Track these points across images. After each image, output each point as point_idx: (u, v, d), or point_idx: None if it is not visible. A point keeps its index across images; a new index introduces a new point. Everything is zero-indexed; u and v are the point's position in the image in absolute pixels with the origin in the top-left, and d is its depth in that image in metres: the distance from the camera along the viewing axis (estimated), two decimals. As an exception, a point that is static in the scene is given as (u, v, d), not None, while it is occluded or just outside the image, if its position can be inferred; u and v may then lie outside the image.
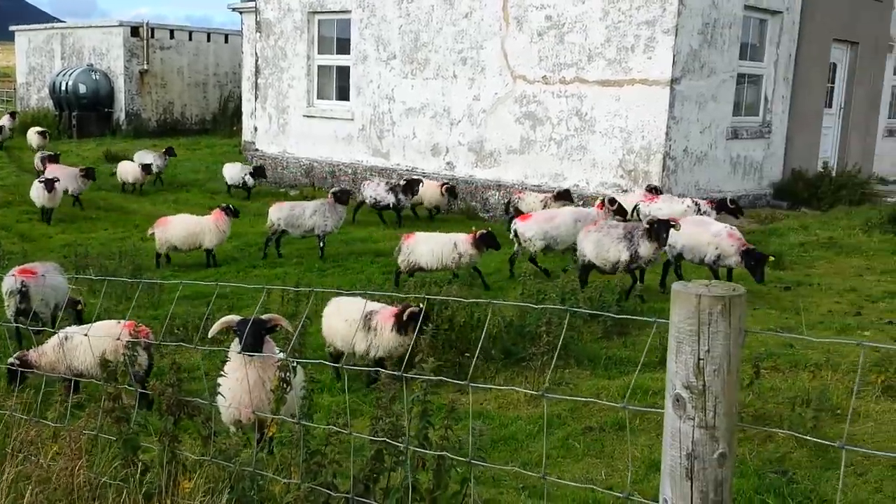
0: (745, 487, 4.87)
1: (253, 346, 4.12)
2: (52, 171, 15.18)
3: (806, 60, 15.50)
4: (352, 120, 17.41)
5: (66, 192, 14.86)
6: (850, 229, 12.64)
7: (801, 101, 15.59)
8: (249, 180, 16.85)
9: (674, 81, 12.90)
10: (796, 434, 3.16)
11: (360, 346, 6.64)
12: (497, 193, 14.93)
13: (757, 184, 14.90)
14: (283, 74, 18.68)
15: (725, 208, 11.81)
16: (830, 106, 16.96)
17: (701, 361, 1.87)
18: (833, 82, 16.93)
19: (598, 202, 11.23)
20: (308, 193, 16.08)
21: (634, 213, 12.38)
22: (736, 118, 14.49)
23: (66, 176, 14.99)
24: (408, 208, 14.44)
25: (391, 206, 13.99)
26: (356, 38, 17.10)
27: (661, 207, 12.06)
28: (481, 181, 15.23)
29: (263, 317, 4.32)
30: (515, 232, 10.49)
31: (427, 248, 9.75)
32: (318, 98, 18.41)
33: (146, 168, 17.13)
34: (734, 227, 9.01)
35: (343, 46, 17.72)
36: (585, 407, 6.20)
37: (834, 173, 15.84)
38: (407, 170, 16.39)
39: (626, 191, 13.27)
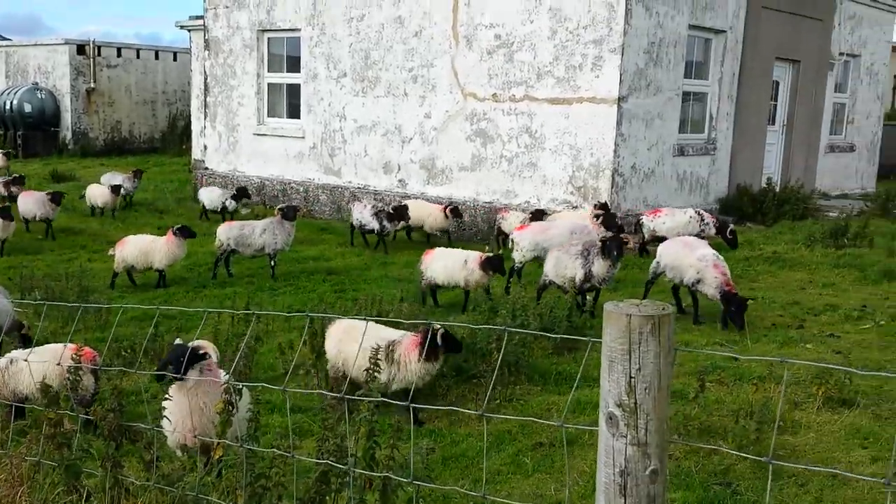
0: (691, 500, 4.95)
1: (175, 371, 4.15)
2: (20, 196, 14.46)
3: (749, 78, 15.86)
4: (303, 138, 17.37)
5: (33, 218, 14.22)
6: (793, 244, 12.93)
7: (745, 118, 15.94)
8: (231, 204, 15.72)
9: (621, 99, 13.11)
10: (724, 448, 3.22)
11: (385, 377, 6.10)
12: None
13: (703, 199, 15.17)
14: (233, 92, 18.57)
15: (723, 235, 12.06)
16: (773, 123, 17.35)
17: (632, 380, 1.92)
18: (776, 100, 17.33)
19: (593, 208, 11.43)
20: (259, 212, 15.96)
21: (637, 227, 12.59)
22: (682, 135, 14.76)
23: (33, 201, 14.25)
24: (391, 232, 13.62)
25: (374, 231, 13.36)
26: (306, 57, 17.08)
27: (665, 221, 12.28)
28: (433, 198, 15.27)
29: (191, 343, 4.29)
30: (512, 241, 10.84)
31: (441, 263, 9.57)
32: (268, 116, 18.34)
33: (115, 190, 16.25)
34: (721, 258, 8.80)
35: (293, 64, 17.69)
36: (533, 426, 6.25)
37: (777, 189, 16.19)
38: (359, 187, 16.40)
39: (576, 207, 13.42)
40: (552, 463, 5.59)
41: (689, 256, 8.80)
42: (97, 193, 16.31)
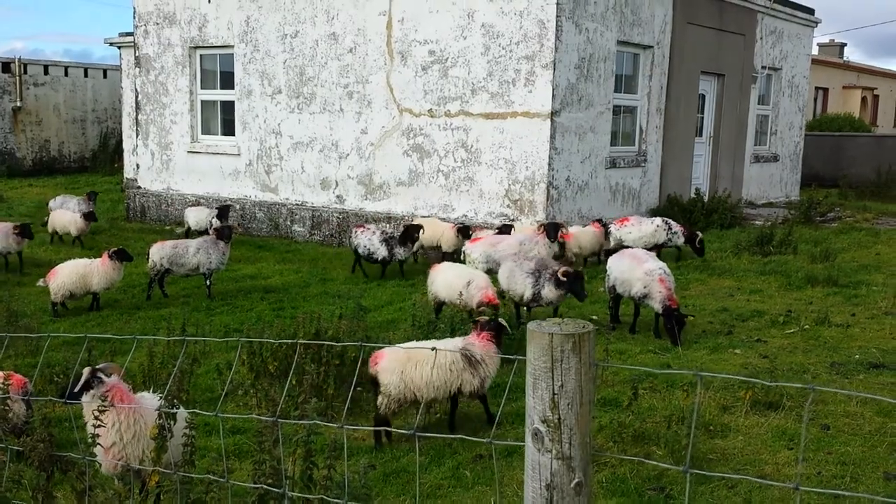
0: (626, 506, 5.08)
1: (74, 395, 4.17)
2: None
3: (677, 92, 16.29)
4: (238, 155, 17.25)
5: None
6: (721, 252, 13.31)
7: (673, 130, 16.36)
8: (216, 223, 14.48)
9: (554, 114, 13.35)
10: (643, 459, 3.34)
11: (467, 386, 6.14)
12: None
13: (635, 210, 15.50)
14: (166, 110, 18.36)
15: (692, 244, 12.32)
16: (701, 135, 17.84)
17: (556, 396, 2.01)
18: (702, 112, 17.83)
19: (538, 226, 11.42)
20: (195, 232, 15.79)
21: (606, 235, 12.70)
22: (614, 148, 15.08)
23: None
24: (402, 258, 12.53)
25: (382, 260, 12.38)
26: (240, 73, 16.99)
27: (631, 231, 12.44)
28: (372, 213, 15.32)
29: (99, 366, 4.29)
30: (464, 253, 10.89)
31: (443, 277, 9.28)
32: (202, 133, 18.17)
33: (89, 216, 14.99)
34: (668, 273, 8.88)
35: (227, 81, 17.57)
36: (475, 434, 6.33)
37: (706, 199, 16.63)
38: (297, 204, 16.35)
39: (513, 220, 13.60)
40: (492, 475, 5.67)
41: (637, 270, 8.88)
42: (67, 220, 15.06)
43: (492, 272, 10.32)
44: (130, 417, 4.03)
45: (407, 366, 6.06)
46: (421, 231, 12.49)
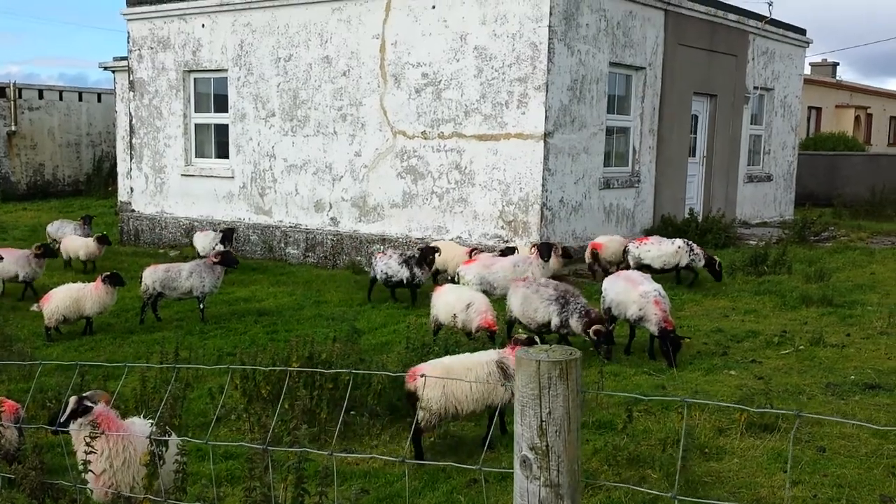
0: (621, 530, 5.05)
1: (62, 424, 4.13)
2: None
3: (669, 113, 16.37)
4: (232, 178, 17.27)
5: (15, 278, 12.68)
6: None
7: (666, 151, 16.42)
8: (219, 248, 14.28)
9: (547, 135, 13.40)
10: (631, 486, 3.32)
11: (496, 399, 6.21)
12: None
13: (629, 230, 15.52)
14: (159, 133, 18.39)
15: (711, 268, 12.28)
16: (694, 155, 17.90)
17: (544, 423, 2.00)
18: (695, 132, 17.90)
19: (531, 247, 11.35)
20: (188, 254, 15.77)
21: (624, 255, 12.65)
22: (607, 169, 15.12)
23: (14, 258, 12.67)
24: (422, 280, 12.11)
25: (404, 282, 12.04)
26: (234, 97, 17.05)
27: (651, 249, 12.39)
28: (366, 236, 15.32)
29: (85, 394, 4.25)
30: (458, 274, 10.81)
31: (443, 300, 9.16)
32: (196, 156, 18.19)
33: (102, 240, 14.89)
34: (664, 294, 8.87)
35: (221, 104, 17.62)
36: (470, 458, 6.30)
37: (700, 219, 16.66)
38: (290, 226, 16.35)
39: (507, 241, 13.61)
40: (485, 500, 5.63)
41: (632, 292, 8.85)
42: (79, 245, 14.94)
43: (486, 294, 10.30)
44: (119, 444, 4.00)
45: (448, 381, 6.04)
46: (437, 254, 12.22)
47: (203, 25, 17.38)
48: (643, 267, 12.24)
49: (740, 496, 5.44)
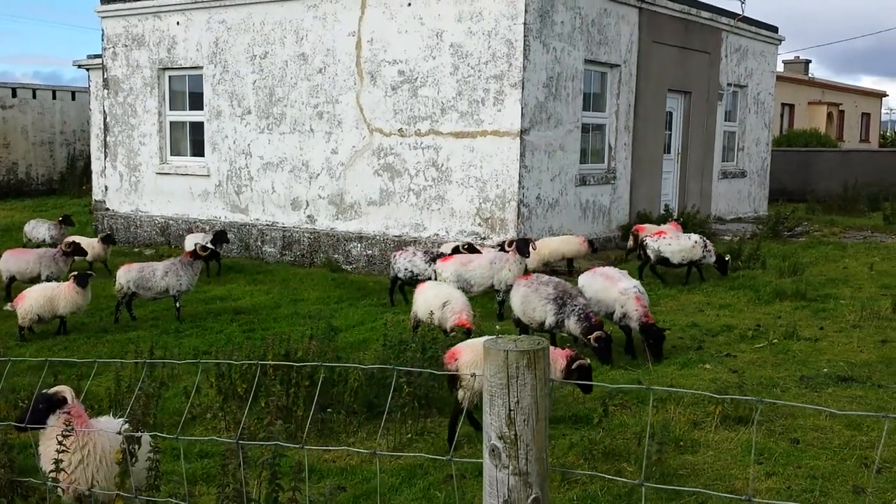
0: (597, 523, 5.08)
1: (30, 420, 4.05)
2: (17, 254, 12.44)
3: (644, 110, 16.46)
4: (208, 176, 17.17)
5: (38, 277, 12.21)
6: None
7: (641, 147, 16.51)
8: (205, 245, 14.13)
9: (523, 132, 13.43)
10: (597, 474, 3.35)
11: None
12: (359, 245, 15.02)
13: (606, 227, 15.60)
14: (134, 132, 18.25)
15: (720, 262, 12.46)
16: (669, 152, 18.01)
17: (512, 412, 2.01)
18: (670, 129, 18.01)
19: (510, 245, 11.13)
20: (164, 252, 15.67)
21: (640, 248, 12.62)
22: (583, 165, 15.19)
23: (37, 257, 12.38)
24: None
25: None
26: (209, 94, 16.95)
27: (671, 243, 12.35)
28: (343, 233, 15.29)
29: (49, 391, 4.21)
30: (435, 272, 10.72)
31: (422, 297, 9.13)
32: (171, 154, 18.07)
33: (107, 240, 14.65)
34: (642, 290, 8.90)
35: (196, 101, 17.52)
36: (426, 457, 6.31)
37: (675, 215, 16.77)
38: (267, 224, 16.28)
39: (484, 238, 13.64)
40: (463, 495, 5.64)
41: (612, 289, 8.86)
42: (85, 245, 14.21)
43: (464, 291, 10.30)
44: (91, 442, 3.96)
45: (479, 361, 5.96)
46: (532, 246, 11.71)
47: (178, 23, 17.27)
48: (662, 261, 12.32)
49: (715, 488, 5.48)
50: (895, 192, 20.89)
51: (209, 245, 14.05)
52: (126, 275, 11.11)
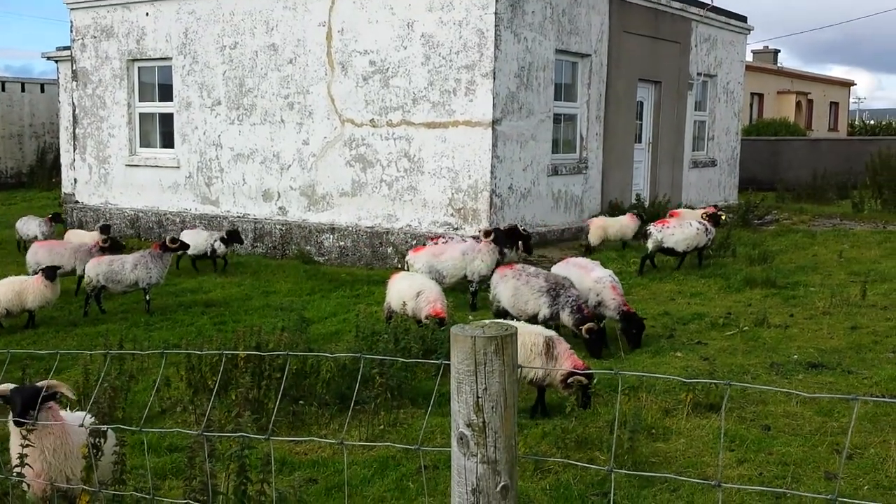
0: (569, 511, 5.08)
1: (21, 413, 3.86)
2: (49, 247, 12.17)
3: (615, 99, 16.49)
4: (178, 168, 17.00)
5: (72, 271, 12.07)
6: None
7: (613, 137, 16.55)
8: (220, 247, 13.80)
9: (495, 122, 13.40)
10: (569, 462, 3.34)
11: (535, 372, 6.42)
12: (331, 237, 14.94)
13: (578, 216, 15.63)
14: (103, 123, 18.02)
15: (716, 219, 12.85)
16: (640, 141, 18.07)
17: (480, 399, 1.99)
18: (641, 119, 18.07)
19: (485, 234, 11.09)
20: (134, 245, 15.48)
21: (645, 237, 12.59)
22: (555, 155, 15.20)
23: (72, 251, 12.14)
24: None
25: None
26: (178, 85, 16.76)
27: (675, 233, 12.29)
28: (315, 225, 15.20)
29: (39, 383, 4.09)
30: (408, 263, 10.72)
31: (396, 288, 9.08)
32: (141, 146, 17.87)
33: (105, 230, 14.16)
34: (616, 279, 8.92)
35: (166, 93, 17.33)
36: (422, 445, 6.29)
37: (647, 204, 16.84)
38: (238, 216, 16.15)
39: (456, 229, 13.61)
40: (436, 486, 5.63)
41: (586, 279, 8.83)
42: (85, 238, 13.96)
43: (437, 282, 10.26)
44: (58, 436, 3.89)
45: None
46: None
47: (147, 14, 17.06)
48: (666, 250, 12.34)
49: (686, 475, 5.51)
50: (863, 180, 21.10)
51: (224, 239, 13.74)
52: (96, 268, 10.97)
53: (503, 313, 8.84)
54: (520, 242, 12.01)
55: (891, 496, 5.13)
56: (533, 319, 8.48)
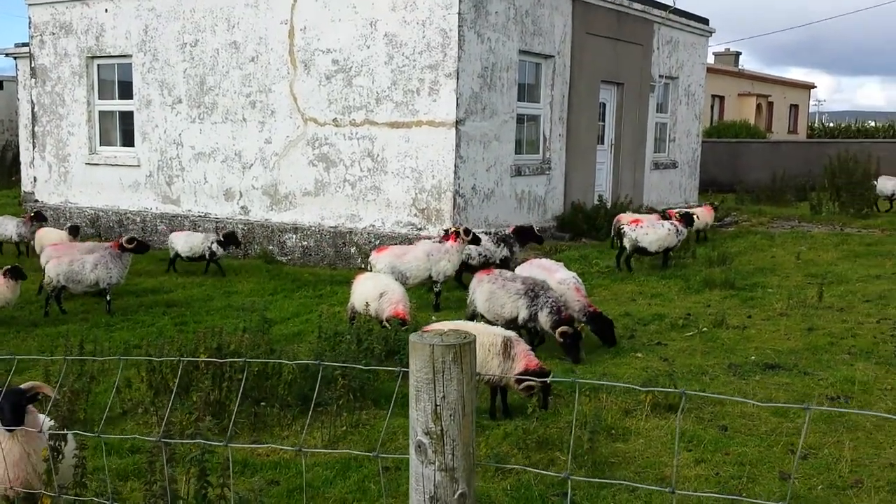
0: (530, 512, 5.13)
1: (13, 420, 3.77)
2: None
3: (578, 101, 16.62)
4: (138, 166, 16.81)
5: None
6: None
7: (576, 138, 16.67)
8: (218, 250, 13.36)
9: (458, 122, 13.44)
10: (526, 468, 3.38)
11: (488, 375, 6.51)
12: (294, 236, 14.87)
13: (541, 217, 15.73)
14: (63, 121, 17.77)
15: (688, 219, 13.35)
16: (603, 142, 18.23)
17: (438, 408, 2.01)
18: (604, 120, 18.22)
19: (451, 233, 11.08)
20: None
21: (615, 237, 12.64)
22: (518, 156, 15.28)
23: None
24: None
25: (500, 261, 11.64)
26: (139, 83, 16.58)
27: (648, 233, 12.51)
28: (277, 224, 15.13)
29: (23, 386, 3.99)
30: (371, 264, 10.67)
31: (360, 289, 9.00)
32: (101, 144, 17.65)
33: (73, 231, 13.78)
34: (580, 280, 8.93)
35: (126, 90, 17.13)
36: (383, 447, 6.30)
37: (609, 205, 16.99)
38: (199, 215, 16.02)
39: (420, 229, 13.63)
40: (398, 486, 5.65)
41: (550, 281, 8.82)
42: (54, 238, 13.57)
43: (400, 283, 10.25)
44: (38, 440, 3.82)
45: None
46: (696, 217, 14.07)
47: (106, 10, 16.85)
48: (640, 250, 12.49)
49: (645, 475, 5.59)
50: (822, 182, 21.47)
51: (220, 242, 13.32)
52: (56, 268, 10.81)
53: (474, 318, 8.74)
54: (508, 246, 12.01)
55: (844, 496, 5.24)
56: (510, 324, 8.40)
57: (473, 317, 8.82)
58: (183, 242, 13.51)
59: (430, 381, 2.00)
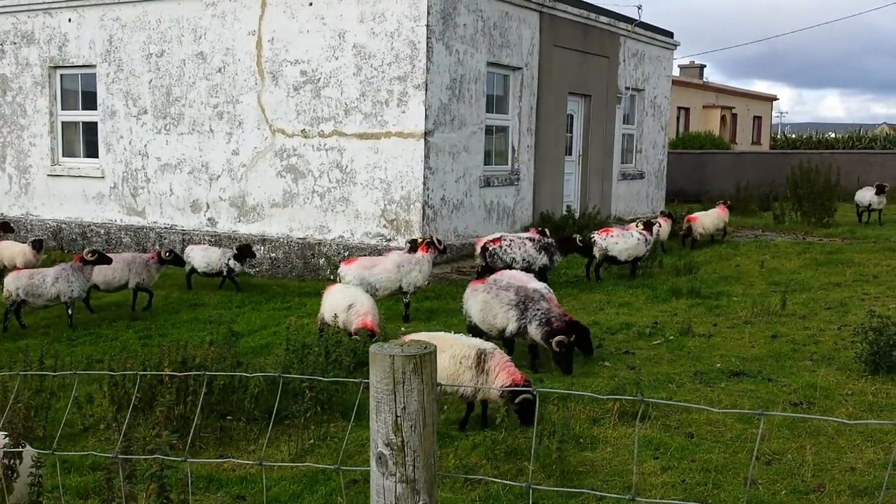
0: (498, 523, 5.11)
1: None
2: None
3: (546, 112, 16.71)
4: (102, 178, 16.62)
5: (124, 286, 11.64)
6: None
7: (544, 149, 16.76)
8: (236, 266, 12.90)
9: (427, 134, 13.45)
10: (488, 478, 3.37)
11: (464, 389, 6.39)
12: (262, 248, 14.76)
13: (510, 228, 15.75)
14: (24, 132, 17.53)
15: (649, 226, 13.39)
16: (570, 153, 18.34)
17: (398, 419, 1.99)
18: (571, 132, 18.34)
19: (422, 244, 10.96)
20: (56, 258, 15.06)
21: (587, 245, 12.62)
22: (487, 167, 15.31)
23: (125, 263, 11.63)
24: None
25: (542, 268, 11.71)
26: (103, 93, 16.41)
27: (618, 242, 12.59)
28: (245, 236, 15.01)
29: None
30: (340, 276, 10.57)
31: (329, 300, 8.95)
32: (63, 156, 17.42)
33: (37, 245, 13.13)
34: (551, 291, 8.91)
35: (89, 101, 16.93)
36: (350, 460, 6.26)
37: (577, 215, 17.08)
38: (165, 227, 15.86)
39: (389, 240, 13.60)
40: (366, 499, 5.60)
41: None
42: (16, 252, 13.08)
43: (370, 294, 10.19)
44: None
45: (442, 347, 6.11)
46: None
47: (70, 20, 16.67)
48: (609, 259, 12.59)
49: (613, 483, 5.59)
50: (784, 192, 21.72)
51: (236, 255, 12.93)
52: (15, 281, 10.62)
53: (474, 329, 8.46)
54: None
55: (806, 500, 5.28)
56: (502, 334, 8.32)
57: (471, 330, 8.50)
58: (200, 258, 13.05)
59: (390, 392, 1.98)
